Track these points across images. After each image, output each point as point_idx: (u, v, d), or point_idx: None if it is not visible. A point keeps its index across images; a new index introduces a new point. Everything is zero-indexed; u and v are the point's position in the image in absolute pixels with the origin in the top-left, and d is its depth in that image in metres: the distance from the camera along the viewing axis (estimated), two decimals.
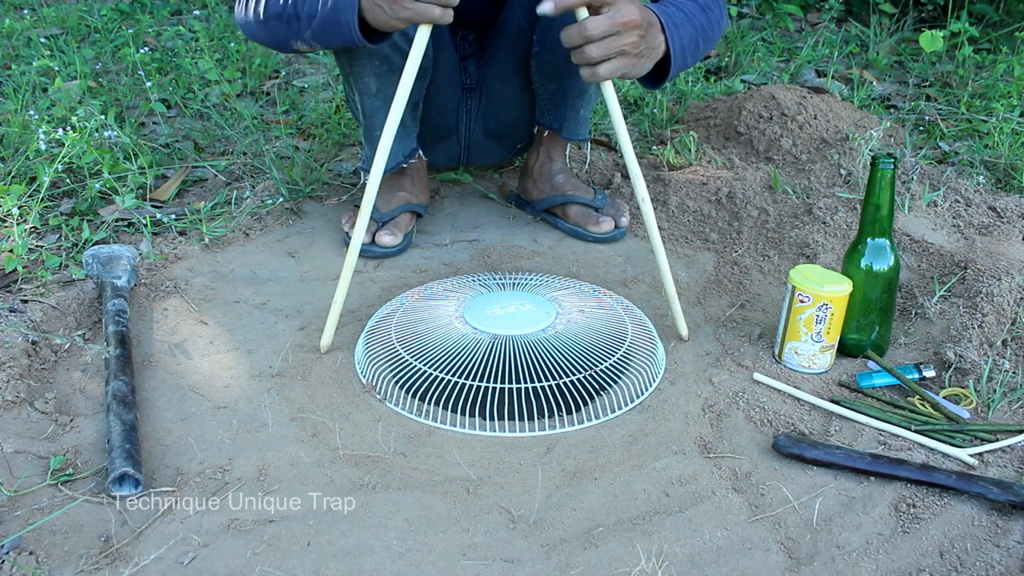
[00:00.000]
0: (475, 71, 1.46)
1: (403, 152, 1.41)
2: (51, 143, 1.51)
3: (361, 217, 1.08)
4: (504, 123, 1.52)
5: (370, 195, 1.08)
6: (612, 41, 1.00)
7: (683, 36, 1.11)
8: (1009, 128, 1.76)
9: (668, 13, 1.10)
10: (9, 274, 1.27)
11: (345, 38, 1.06)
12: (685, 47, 1.12)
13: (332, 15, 1.05)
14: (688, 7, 1.14)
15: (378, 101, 1.33)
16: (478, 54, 1.46)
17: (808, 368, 1.12)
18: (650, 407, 1.06)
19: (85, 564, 0.81)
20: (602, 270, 1.41)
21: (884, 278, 1.11)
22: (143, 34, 2.47)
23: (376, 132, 1.36)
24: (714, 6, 1.19)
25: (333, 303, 1.13)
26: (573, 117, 1.47)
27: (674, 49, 1.09)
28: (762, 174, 1.60)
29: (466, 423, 1.02)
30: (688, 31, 1.12)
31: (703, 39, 1.16)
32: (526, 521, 0.88)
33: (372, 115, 1.35)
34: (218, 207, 1.56)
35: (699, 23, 1.14)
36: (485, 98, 1.47)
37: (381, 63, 1.27)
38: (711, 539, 0.86)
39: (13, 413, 1.01)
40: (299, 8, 1.09)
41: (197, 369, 1.12)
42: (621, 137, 1.08)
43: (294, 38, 1.12)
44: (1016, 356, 1.12)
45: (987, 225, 1.42)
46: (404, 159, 1.41)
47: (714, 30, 1.19)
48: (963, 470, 0.94)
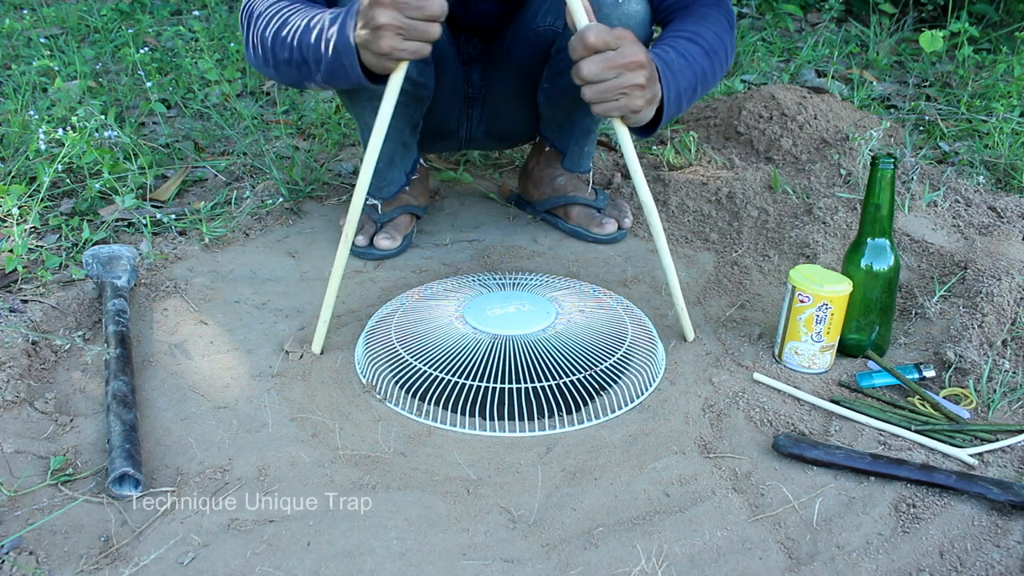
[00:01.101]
0: (478, 79, 1.44)
1: (405, 172, 1.42)
2: (51, 143, 1.52)
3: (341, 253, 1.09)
4: (507, 129, 1.51)
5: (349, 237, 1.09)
6: (616, 82, 0.97)
7: (680, 83, 1.06)
8: (1009, 128, 1.76)
9: (666, 59, 1.06)
10: (9, 274, 1.27)
11: (352, 80, 1.03)
12: (681, 94, 1.07)
13: (335, 59, 1.02)
14: (690, 51, 1.09)
15: None
16: (481, 59, 1.44)
17: (808, 368, 1.12)
18: (650, 407, 1.06)
19: (85, 564, 0.81)
20: (602, 270, 1.41)
21: (884, 278, 1.11)
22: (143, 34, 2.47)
23: (379, 164, 1.35)
24: (720, 48, 1.13)
25: (320, 318, 1.13)
26: (576, 151, 1.48)
27: (668, 99, 1.04)
28: (762, 174, 1.60)
29: (466, 423, 1.02)
30: (686, 77, 1.07)
31: (702, 83, 1.12)
32: (526, 521, 0.88)
33: None
34: (218, 207, 1.56)
35: (700, 68, 1.10)
36: (488, 107, 1.45)
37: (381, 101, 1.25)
38: (711, 539, 0.86)
39: (13, 413, 1.01)
40: (304, 54, 1.06)
41: (197, 369, 1.12)
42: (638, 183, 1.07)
43: (307, 80, 1.10)
44: (1016, 356, 1.12)
45: (987, 225, 1.42)
46: (407, 179, 1.43)
47: (716, 74, 1.14)
48: (963, 470, 0.94)
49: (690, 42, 1.10)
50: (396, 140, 1.35)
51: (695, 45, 1.10)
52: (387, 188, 1.42)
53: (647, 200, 1.08)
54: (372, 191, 1.43)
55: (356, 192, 1.07)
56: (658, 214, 1.09)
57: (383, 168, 1.38)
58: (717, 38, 1.12)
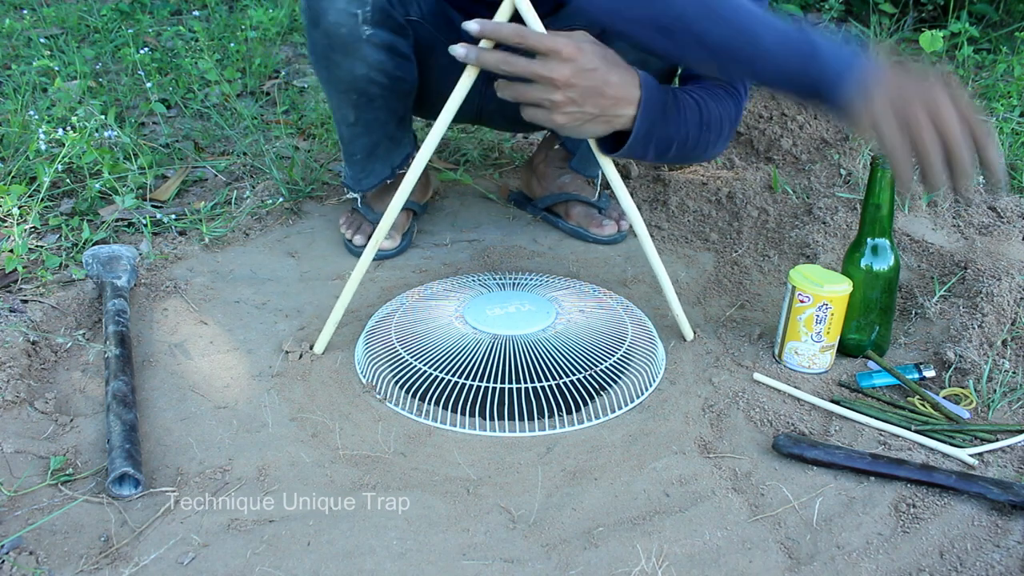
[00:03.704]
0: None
1: (391, 165, 1.38)
2: (51, 143, 1.52)
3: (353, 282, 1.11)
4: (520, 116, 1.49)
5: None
6: (528, 89, 0.94)
7: (659, 128, 1.00)
8: (1009, 128, 1.76)
9: (662, 100, 0.99)
10: (9, 274, 1.27)
11: None
12: (655, 139, 1.01)
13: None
14: (688, 110, 1.03)
15: (357, 128, 1.30)
16: None
17: (808, 368, 1.12)
18: (650, 407, 1.06)
19: (85, 564, 0.81)
20: (602, 270, 1.41)
21: (884, 278, 1.11)
22: (143, 34, 2.47)
23: (356, 156, 1.35)
24: (715, 129, 1.06)
25: (330, 319, 1.13)
26: (586, 153, 1.46)
27: (637, 132, 0.98)
28: (762, 174, 1.60)
29: (466, 423, 1.02)
30: (669, 130, 1.02)
31: (680, 146, 1.04)
32: (526, 521, 0.88)
33: (351, 141, 1.33)
34: (218, 207, 1.56)
35: (686, 131, 1.03)
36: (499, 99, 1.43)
37: (359, 96, 1.23)
38: (711, 539, 0.86)
39: (13, 413, 1.01)
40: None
41: (197, 369, 1.12)
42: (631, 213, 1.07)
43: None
44: (1016, 356, 1.12)
45: (987, 225, 1.42)
46: (392, 172, 1.38)
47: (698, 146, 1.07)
48: (963, 470, 0.94)
49: (695, 104, 1.05)
50: (380, 133, 1.32)
51: (696, 110, 1.04)
52: (366, 180, 1.39)
53: (631, 209, 1.08)
54: (350, 183, 1.41)
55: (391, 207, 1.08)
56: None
57: (362, 159, 1.36)
58: (719, 118, 1.07)
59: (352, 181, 1.41)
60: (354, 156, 1.35)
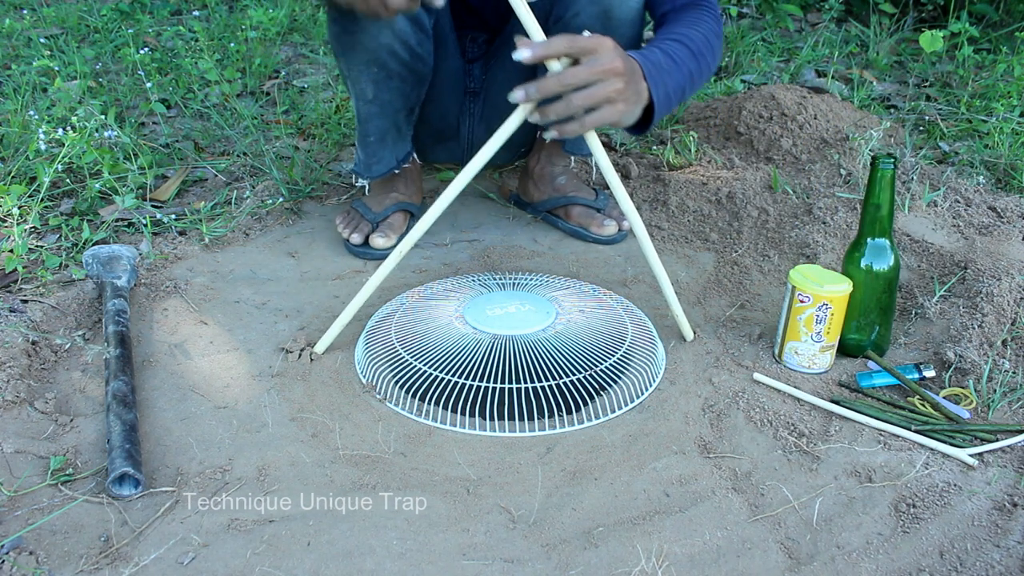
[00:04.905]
0: (480, 75, 1.45)
1: (396, 157, 1.41)
2: (51, 143, 1.51)
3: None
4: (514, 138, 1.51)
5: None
6: (597, 89, 0.96)
7: (668, 83, 1.07)
8: (1009, 128, 1.76)
9: (653, 60, 1.06)
10: (9, 274, 1.27)
11: None
12: (670, 94, 1.08)
13: None
14: (678, 52, 1.10)
15: (374, 107, 1.32)
16: (484, 57, 1.45)
17: (808, 368, 1.12)
18: (650, 407, 1.06)
19: (85, 564, 0.81)
20: (602, 270, 1.41)
21: (884, 278, 1.11)
22: (143, 34, 2.47)
23: (370, 137, 1.37)
24: (707, 51, 1.15)
25: (338, 320, 1.13)
26: None
27: (658, 97, 1.05)
28: (762, 174, 1.60)
29: (466, 423, 1.02)
30: (675, 78, 1.08)
31: (690, 84, 1.13)
32: (526, 521, 0.88)
33: (367, 120, 1.35)
34: (218, 207, 1.56)
35: (687, 69, 1.11)
36: (488, 103, 1.46)
37: (379, 70, 1.26)
38: (711, 539, 0.86)
39: (13, 413, 1.01)
40: None
41: (197, 369, 1.12)
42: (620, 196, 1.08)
43: None
44: (1016, 356, 1.12)
45: (987, 225, 1.42)
46: (397, 164, 1.41)
47: (703, 75, 1.15)
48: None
49: (679, 44, 1.12)
50: (390, 119, 1.35)
51: (684, 47, 1.12)
52: (376, 166, 1.41)
53: (630, 209, 1.09)
54: (361, 168, 1.43)
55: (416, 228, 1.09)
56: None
57: (375, 142, 1.38)
58: (704, 40, 1.14)
59: (363, 167, 1.43)
60: (368, 137, 1.37)
